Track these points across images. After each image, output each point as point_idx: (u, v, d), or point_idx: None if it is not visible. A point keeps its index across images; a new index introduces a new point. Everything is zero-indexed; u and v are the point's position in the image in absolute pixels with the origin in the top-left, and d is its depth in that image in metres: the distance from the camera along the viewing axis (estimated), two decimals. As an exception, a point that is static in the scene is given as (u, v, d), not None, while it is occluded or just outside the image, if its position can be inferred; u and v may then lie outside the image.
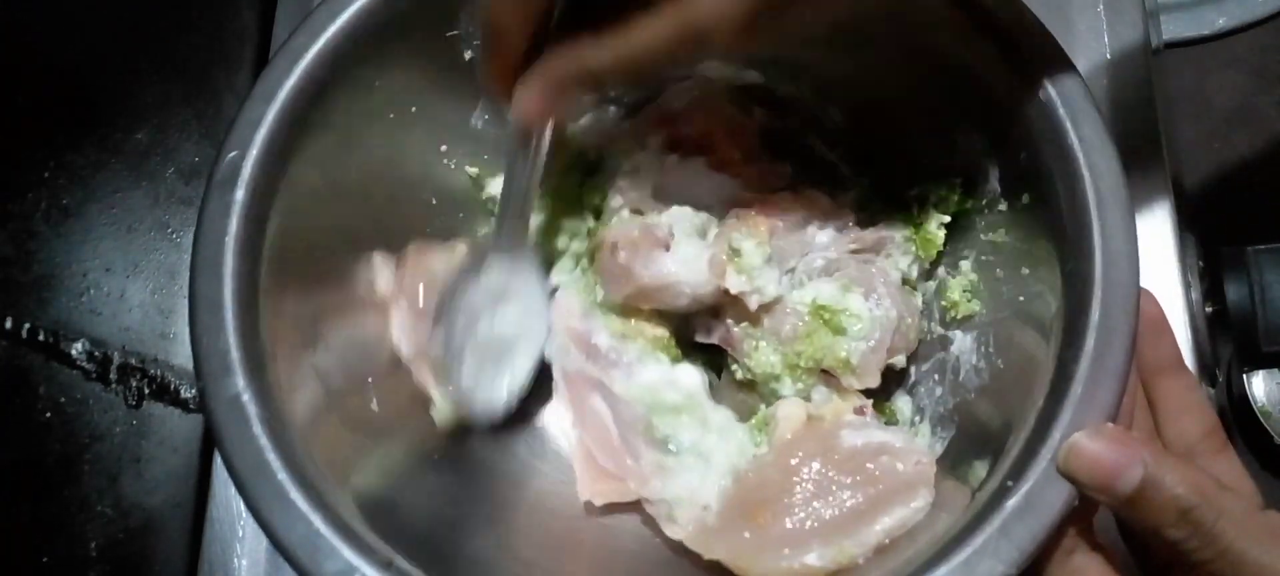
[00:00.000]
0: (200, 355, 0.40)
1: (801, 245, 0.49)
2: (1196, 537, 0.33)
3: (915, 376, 0.50)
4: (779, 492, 0.44)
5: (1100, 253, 0.38)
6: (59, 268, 0.48)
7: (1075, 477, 0.35)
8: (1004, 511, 0.35)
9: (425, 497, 0.46)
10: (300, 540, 0.37)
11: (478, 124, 0.52)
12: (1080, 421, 0.36)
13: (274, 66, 0.43)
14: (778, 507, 0.43)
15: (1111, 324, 0.37)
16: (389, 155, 0.49)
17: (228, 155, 0.42)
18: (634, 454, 0.47)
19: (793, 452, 0.45)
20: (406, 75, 0.48)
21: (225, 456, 0.38)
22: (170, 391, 0.55)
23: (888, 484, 0.42)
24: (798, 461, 0.44)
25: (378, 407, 0.47)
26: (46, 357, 0.47)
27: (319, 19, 0.44)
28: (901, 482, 0.42)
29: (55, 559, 0.47)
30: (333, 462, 0.41)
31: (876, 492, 0.42)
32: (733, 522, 0.44)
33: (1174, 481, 0.34)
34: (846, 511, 0.42)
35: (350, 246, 0.48)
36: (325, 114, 0.45)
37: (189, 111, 0.58)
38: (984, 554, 0.35)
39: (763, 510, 0.44)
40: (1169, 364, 0.41)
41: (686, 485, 0.45)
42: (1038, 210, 0.43)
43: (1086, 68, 0.60)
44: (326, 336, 0.45)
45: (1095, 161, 0.40)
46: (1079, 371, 0.37)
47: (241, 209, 0.41)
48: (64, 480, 0.48)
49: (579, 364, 0.49)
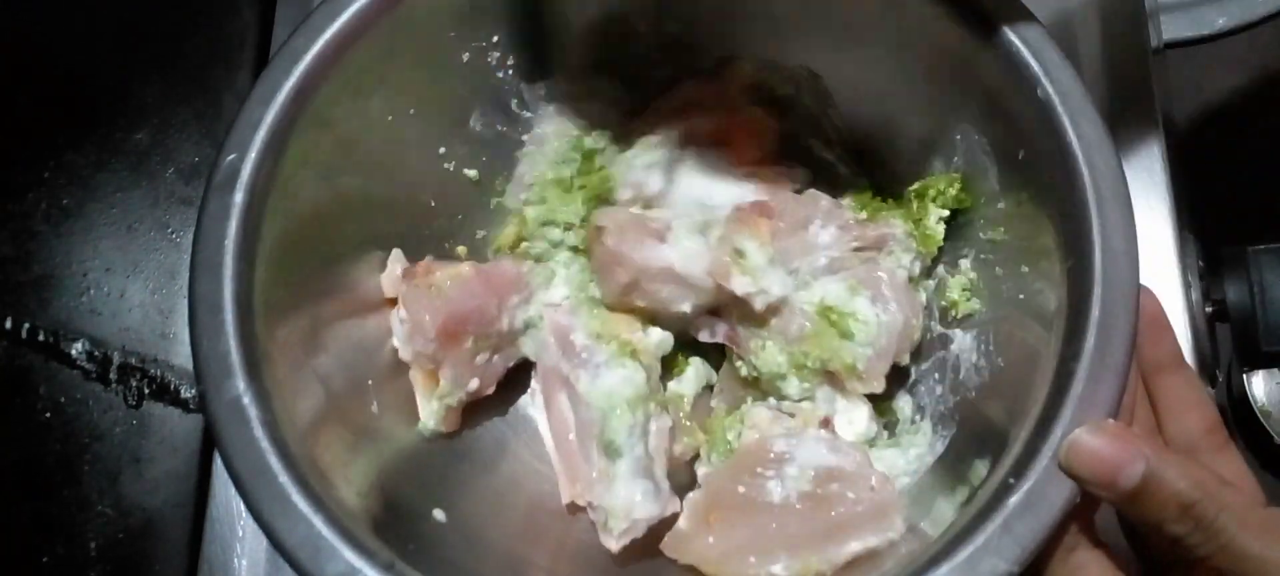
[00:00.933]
0: (200, 357, 0.40)
1: (804, 245, 0.48)
2: (1198, 533, 0.33)
3: (915, 375, 0.50)
4: (741, 502, 0.44)
5: (1100, 250, 0.38)
6: (59, 268, 0.48)
7: (1077, 474, 0.35)
8: (1006, 508, 0.35)
9: (427, 499, 0.46)
10: (301, 542, 0.37)
11: (477, 126, 0.52)
12: (1081, 418, 0.36)
13: (273, 68, 0.43)
14: (742, 515, 0.44)
15: (1112, 321, 0.37)
16: (388, 157, 0.49)
17: (227, 157, 0.42)
18: (586, 457, 0.46)
19: (755, 463, 0.45)
20: (405, 77, 0.48)
21: (225, 459, 0.38)
22: (170, 391, 0.55)
23: (849, 508, 0.42)
24: (761, 472, 0.44)
25: (378, 409, 0.47)
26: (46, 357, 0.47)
27: (317, 20, 0.44)
28: (873, 506, 0.42)
29: (55, 559, 0.47)
30: (333, 464, 0.41)
31: (844, 514, 0.42)
32: (699, 528, 0.44)
33: (1175, 476, 0.34)
34: (815, 527, 0.42)
35: (350, 248, 0.48)
36: (324, 116, 0.44)
37: (189, 111, 0.58)
38: (986, 551, 0.35)
39: (726, 515, 0.44)
40: (1170, 361, 0.41)
41: (623, 496, 0.45)
42: (1037, 208, 0.43)
43: (1086, 68, 0.60)
44: (326, 338, 0.45)
45: (1094, 159, 0.40)
46: (1080, 368, 0.37)
47: (241, 211, 0.41)
48: (64, 480, 0.48)
49: (555, 359, 0.49)
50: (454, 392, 0.48)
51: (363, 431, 0.45)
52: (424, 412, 0.48)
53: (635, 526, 0.44)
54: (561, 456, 0.48)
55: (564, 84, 0.52)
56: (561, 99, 0.52)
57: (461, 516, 0.46)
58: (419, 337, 0.47)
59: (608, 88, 0.53)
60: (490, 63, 0.51)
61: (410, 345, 0.48)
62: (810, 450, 0.45)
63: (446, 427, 0.49)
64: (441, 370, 0.48)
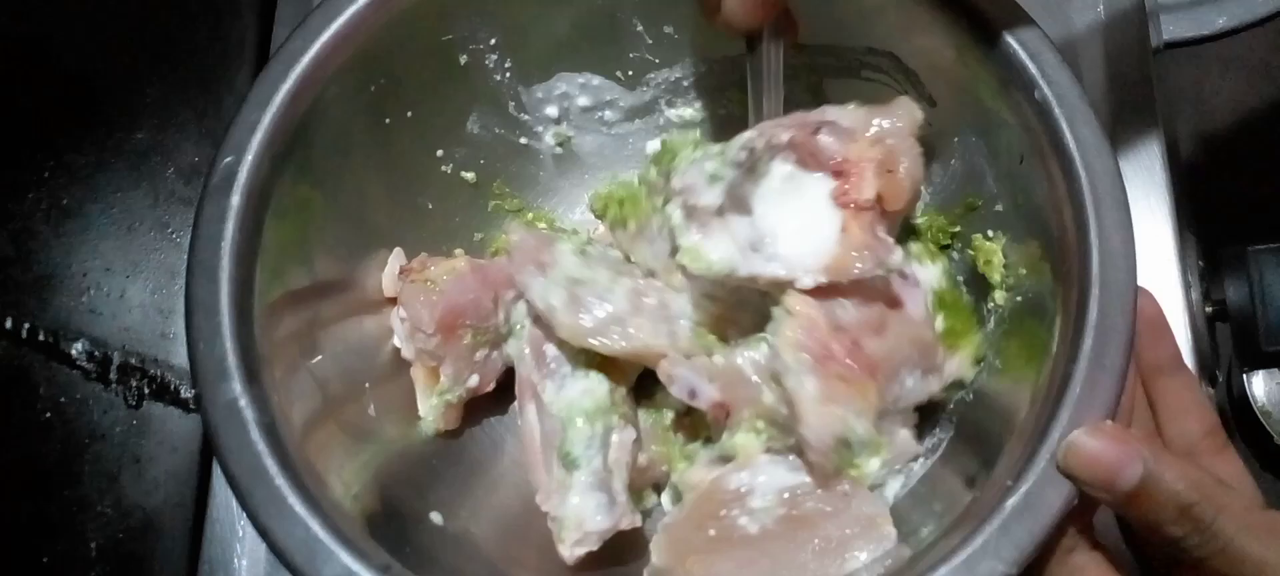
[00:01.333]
0: (197, 360, 0.40)
1: (898, 396, 0.43)
2: (1196, 535, 0.33)
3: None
4: (716, 544, 0.42)
5: (1098, 252, 0.38)
6: (59, 267, 0.48)
7: (1075, 475, 0.35)
8: (1004, 511, 0.35)
9: (422, 501, 0.46)
10: (298, 544, 0.37)
11: (474, 129, 0.52)
12: (1079, 420, 0.36)
13: (270, 71, 0.43)
14: (721, 557, 0.42)
15: (1110, 322, 0.37)
16: (385, 160, 0.49)
17: (224, 160, 0.42)
18: (547, 466, 0.46)
19: (717, 508, 0.43)
20: (402, 80, 0.48)
21: (222, 461, 0.38)
22: (170, 391, 0.55)
23: (833, 522, 0.41)
24: (726, 514, 0.42)
25: (375, 411, 0.47)
26: (46, 357, 0.47)
27: (315, 23, 0.44)
28: (858, 521, 0.41)
29: (55, 559, 0.47)
30: (330, 466, 0.41)
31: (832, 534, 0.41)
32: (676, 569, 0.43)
33: (1174, 478, 0.34)
34: (807, 549, 0.41)
35: (347, 251, 0.48)
36: (321, 119, 0.45)
37: (189, 111, 0.57)
38: (984, 553, 0.35)
39: (704, 559, 0.42)
40: (1168, 363, 0.41)
41: (576, 507, 0.44)
42: (1035, 211, 0.43)
43: (1086, 68, 0.60)
44: (323, 341, 0.45)
45: (1092, 161, 0.40)
46: (1078, 370, 0.37)
47: (237, 214, 0.41)
48: (64, 480, 0.48)
49: (529, 368, 0.48)
50: (454, 388, 0.48)
51: (360, 433, 0.46)
52: (424, 409, 0.48)
53: (587, 538, 0.43)
54: (530, 465, 0.47)
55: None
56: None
57: (457, 519, 0.46)
58: (419, 333, 0.47)
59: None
60: (488, 65, 0.51)
61: (412, 342, 0.48)
62: (768, 475, 0.43)
63: (447, 425, 0.49)
64: (442, 366, 0.48)
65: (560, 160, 0.55)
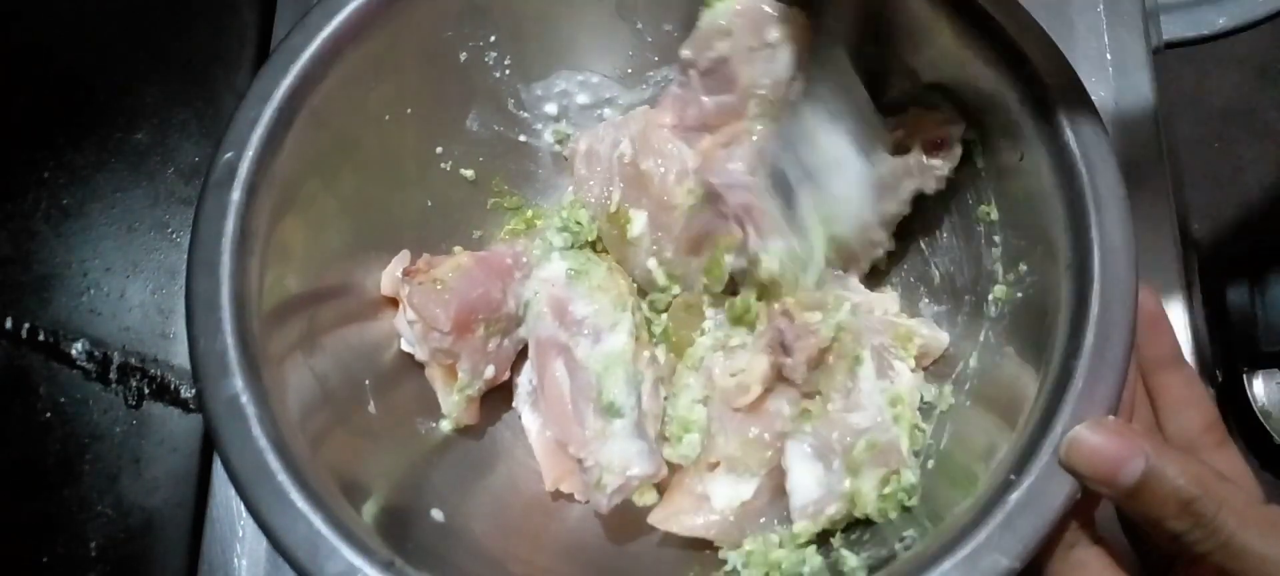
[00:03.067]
0: (197, 356, 0.40)
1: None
2: (1198, 529, 0.33)
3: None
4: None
5: (1098, 248, 0.39)
6: (59, 267, 0.48)
7: (1077, 470, 0.35)
8: (1007, 505, 0.35)
9: (424, 498, 0.46)
10: (301, 541, 0.37)
11: (474, 126, 0.52)
12: (1081, 415, 0.36)
13: (270, 67, 0.44)
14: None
15: (1110, 318, 0.37)
16: (385, 157, 0.49)
17: (224, 156, 0.42)
18: (581, 420, 0.47)
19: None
20: (402, 77, 0.48)
21: (224, 458, 0.38)
22: (170, 391, 0.55)
23: None
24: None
25: (376, 409, 0.47)
26: (46, 357, 0.47)
27: (315, 19, 0.44)
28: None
29: (55, 559, 0.47)
30: (331, 463, 0.41)
31: None
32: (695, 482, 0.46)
33: (1175, 473, 0.34)
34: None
35: (347, 248, 0.48)
36: (321, 115, 0.45)
37: (189, 111, 0.58)
38: (987, 547, 0.35)
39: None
40: (1168, 358, 0.41)
41: (619, 453, 0.45)
42: (1036, 207, 0.43)
43: (1086, 68, 0.60)
44: (324, 338, 0.45)
45: (1092, 158, 0.40)
46: (1079, 365, 0.37)
47: (237, 210, 0.41)
48: (64, 480, 0.48)
49: (552, 331, 0.49)
50: (473, 382, 0.48)
51: (361, 431, 0.45)
52: (446, 407, 0.49)
53: (628, 484, 0.45)
54: (555, 421, 0.48)
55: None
56: None
57: (459, 516, 0.46)
58: (434, 334, 0.47)
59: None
60: (488, 63, 0.51)
61: (425, 344, 0.48)
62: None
63: (469, 420, 0.49)
64: (458, 363, 0.48)
65: (559, 158, 0.55)
